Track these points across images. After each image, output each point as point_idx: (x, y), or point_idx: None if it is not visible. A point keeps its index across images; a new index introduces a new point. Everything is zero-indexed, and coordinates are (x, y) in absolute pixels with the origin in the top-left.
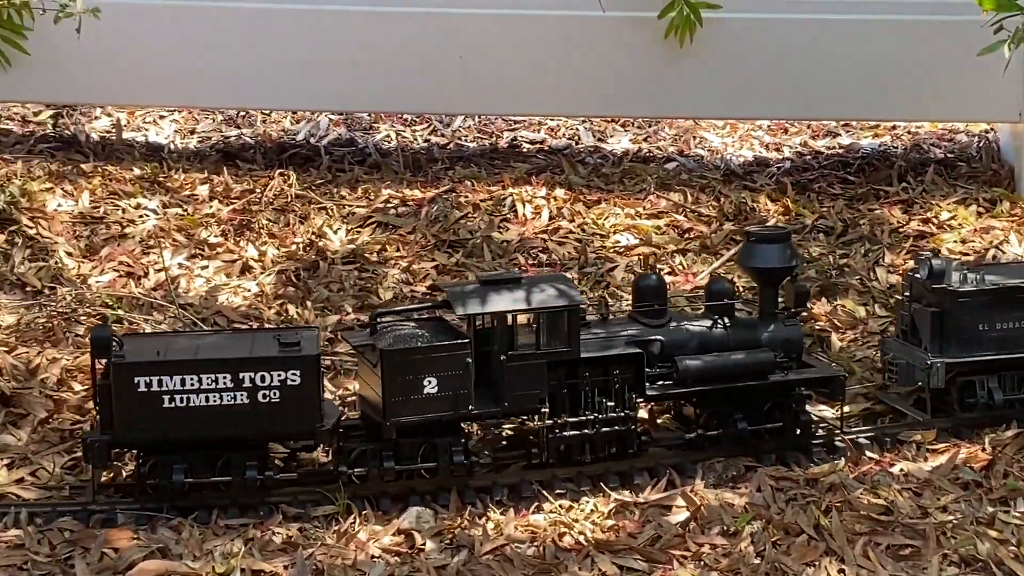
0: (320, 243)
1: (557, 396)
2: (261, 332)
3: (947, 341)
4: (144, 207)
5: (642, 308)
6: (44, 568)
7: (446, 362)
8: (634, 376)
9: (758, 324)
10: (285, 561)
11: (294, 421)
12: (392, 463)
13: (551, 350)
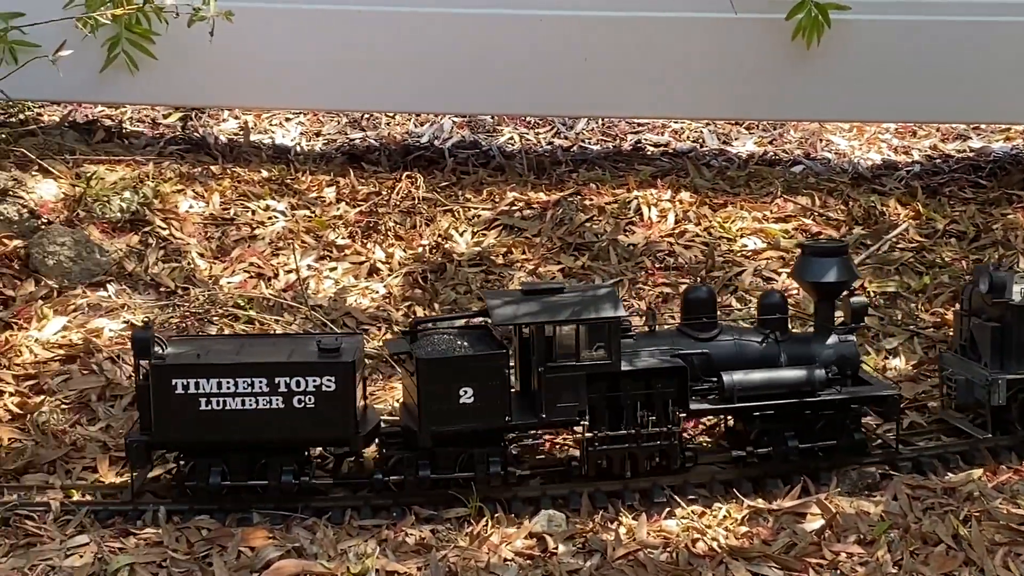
0: (446, 245)
1: (598, 409)
2: (305, 337)
3: (1008, 356)
4: (273, 209)
5: (690, 321)
6: (182, 566)
7: (483, 372)
8: (677, 390)
9: (812, 339)
10: (418, 562)
11: (329, 427)
12: (428, 472)
13: (590, 362)
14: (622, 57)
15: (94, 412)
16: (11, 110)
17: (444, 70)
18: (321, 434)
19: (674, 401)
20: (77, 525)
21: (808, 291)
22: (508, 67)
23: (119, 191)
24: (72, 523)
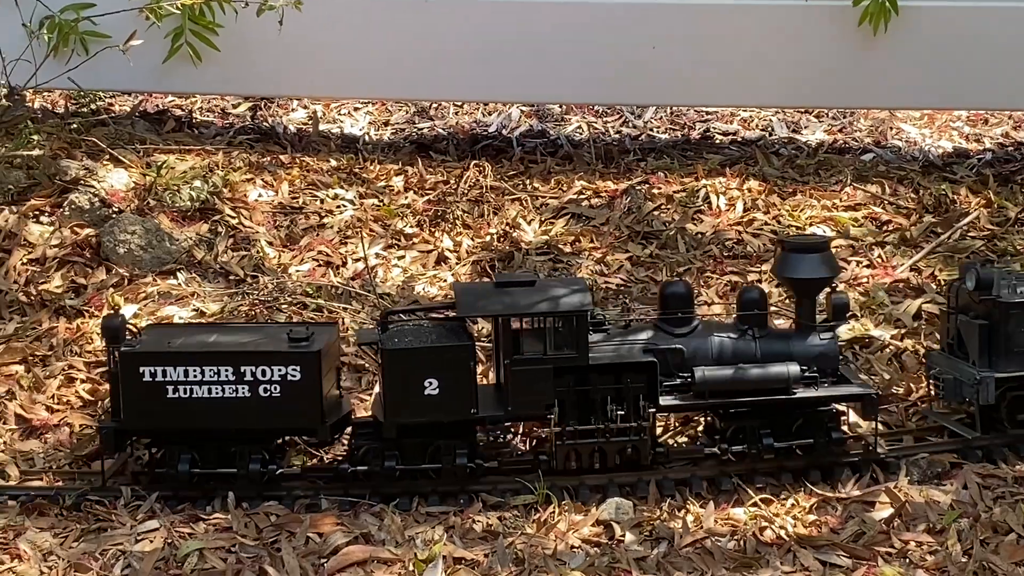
0: (514, 234)
1: (567, 403)
2: (279, 327)
3: (996, 355)
4: (341, 198)
5: (667, 315)
6: (251, 551)
7: (448, 364)
8: (647, 385)
9: (792, 336)
10: (485, 549)
11: (295, 416)
12: (394, 462)
13: (558, 356)
14: (691, 45)
15: None
16: (82, 100)
17: (512, 59)
18: (287, 423)
19: (644, 396)
20: (147, 510)
21: (788, 287)
22: (576, 56)
23: (189, 180)
24: (142, 508)
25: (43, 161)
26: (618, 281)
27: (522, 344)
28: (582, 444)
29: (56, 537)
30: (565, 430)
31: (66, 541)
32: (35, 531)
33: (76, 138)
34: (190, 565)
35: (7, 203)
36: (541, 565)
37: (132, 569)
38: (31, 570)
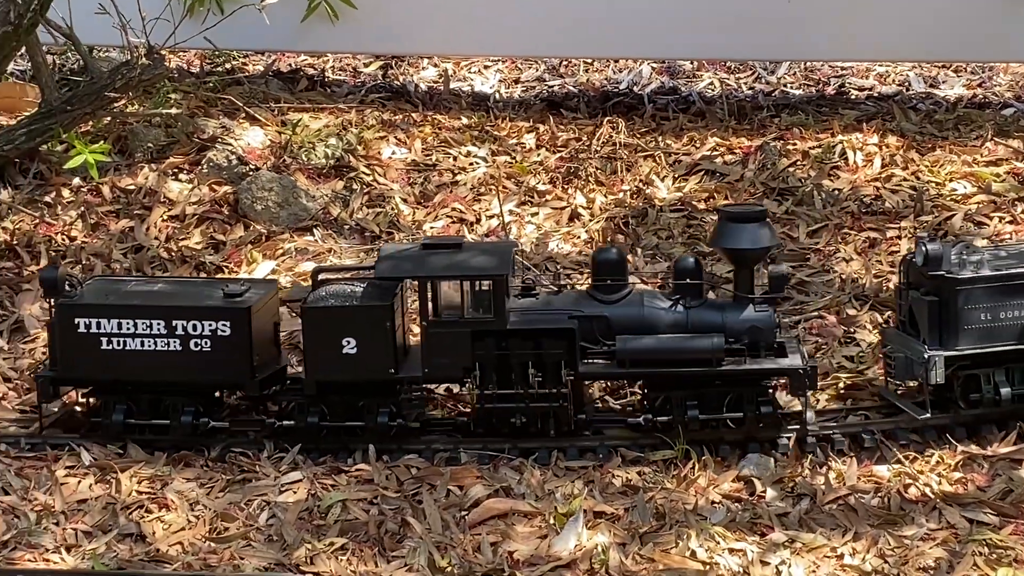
0: (647, 191)
1: (487, 367)
2: (220, 282)
3: (947, 332)
4: (474, 155)
5: (598, 282)
6: (392, 503)
7: (365, 324)
8: (567, 352)
9: (726, 308)
10: (625, 503)
11: (225, 370)
12: (315, 419)
13: (475, 319)
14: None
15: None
16: (217, 59)
17: (643, 15)
18: (217, 377)
19: (565, 363)
20: (290, 462)
21: (726, 258)
22: (708, 11)
23: (323, 138)
24: (285, 460)
25: (181, 120)
26: None
27: (440, 306)
28: (501, 408)
29: (202, 487)
30: (484, 394)
31: (212, 491)
32: (181, 481)
33: (212, 97)
34: (333, 516)
35: (147, 161)
36: (682, 520)
37: (277, 519)
38: (179, 519)
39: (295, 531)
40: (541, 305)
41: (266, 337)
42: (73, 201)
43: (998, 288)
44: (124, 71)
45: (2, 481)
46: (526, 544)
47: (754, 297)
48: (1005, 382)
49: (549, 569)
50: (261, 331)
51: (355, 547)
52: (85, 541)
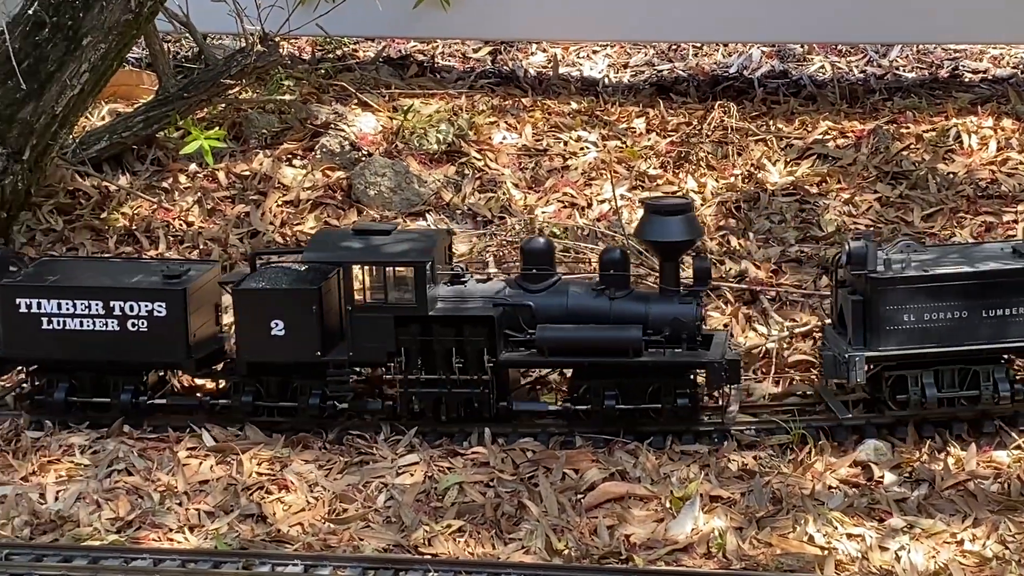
0: (759, 175)
1: (411, 352)
2: (162, 264)
3: (870, 332)
4: (584, 140)
5: (525, 271)
6: (509, 486)
7: (293, 307)
8: (487, 339)
9: (651, 299)
10: (741, 488)
11: (161, 350)
12: (250, 398)
13: (397, 305)
14: None
15: None
16: (329, 46)
17: None
18: (154, 357)
19: (487, 350)
20: (407, 445)
21: (651, 251)
22: None
23: (435, 123)
24: (402, 442)
25: (294, 106)
26: (867, 222)
27: (365, 291)
28: (424, 393)
29: (321, 469)
30: (408, 378)
31: (330, 473)
32: (300, 463)
33: (324, 83)
34: (450, 498)
35: (261, 147)
36: (799, 505)
37: (395, 501)
38: (299, 500)
39: (413, 513)
40: (467, 293)
41: (205, 318)
42: (190, 187)
43: (922, 289)
44: (239, 58)
45: (126, 462)
46: (642, 527)
47: (677, 289)
48: (932, 384)
49: (666, 552)
50: (199, 312)
51: (472, 529)
52: (207, 521)
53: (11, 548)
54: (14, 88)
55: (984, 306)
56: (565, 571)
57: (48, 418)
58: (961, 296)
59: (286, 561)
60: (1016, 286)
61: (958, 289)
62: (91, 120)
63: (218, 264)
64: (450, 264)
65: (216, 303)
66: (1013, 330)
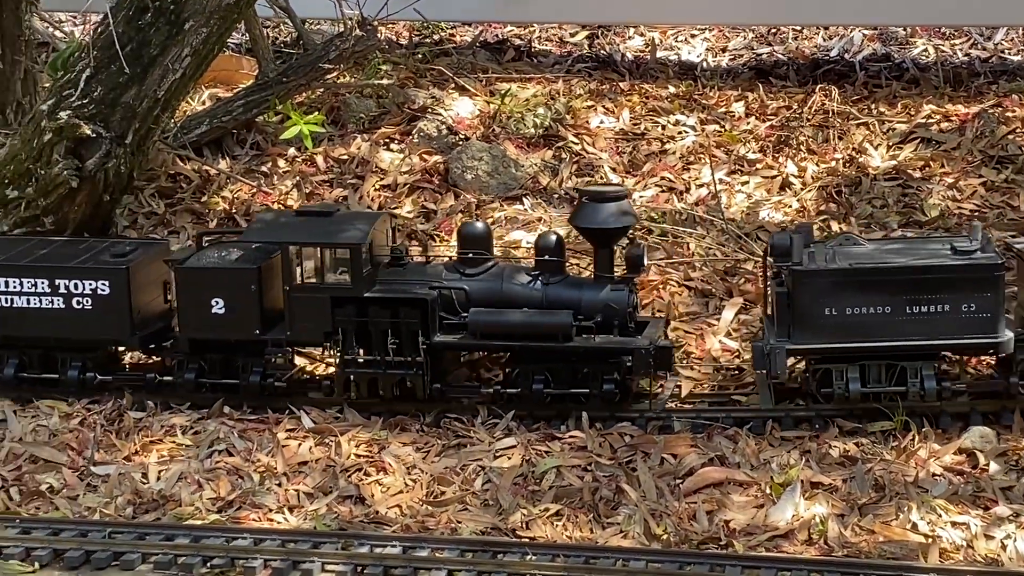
0: (860, 159)
1: (348, 333)
2: (110, 243)
3: (793, 325)
4: (682, 124)
5: (461, 255)
6: (606, 470)
7: (232, 286)
8: (422, 321)
9: (584, 285)
10: (843, 474)
11: (106, 327)
12: (192, 375)
13: (334, 286)
14: None
15: None
16: (426, 31)
17: None
18: (99, 334)
19: (423, 332)
20: (504, 428)
21: (586, 238)
22: None
23: (532, 108)
24: (499, 426)
25: (392, 90)
26: (971, 207)
27: (303, 272)
28: (360, 373)
29: (418, 452)
30: (344, 359)
31: (428, 456)
32: (398, 445)
33: (421, 68)
34: (548, 482)
35: (359, 131)
36: (902, 492)
37: (492, 484)
38: (397, 482)
39: (510, 496)
40: (405, 275)
41: (151, 296)
42: (288, 171)
43: (843, 283)
44: (338, 43)
45: (227, 442)
46: (742, 513)
47: (611, 276)
48: (857, 379)
49: (766, 539)
50: (144, 290)
51: (570, 513)
52: (306, 502)
53: (114, 527)
54: (117, 72)
55: (908, 302)
56: (664, 556)
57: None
58: (884, 291)
59: (385, 542)
60: (940, 283)
61: (880, 284)
62: (192, 105)
63: (167, 243)
64: (392, 247)
65: (165, 281)
66: (939, 327)
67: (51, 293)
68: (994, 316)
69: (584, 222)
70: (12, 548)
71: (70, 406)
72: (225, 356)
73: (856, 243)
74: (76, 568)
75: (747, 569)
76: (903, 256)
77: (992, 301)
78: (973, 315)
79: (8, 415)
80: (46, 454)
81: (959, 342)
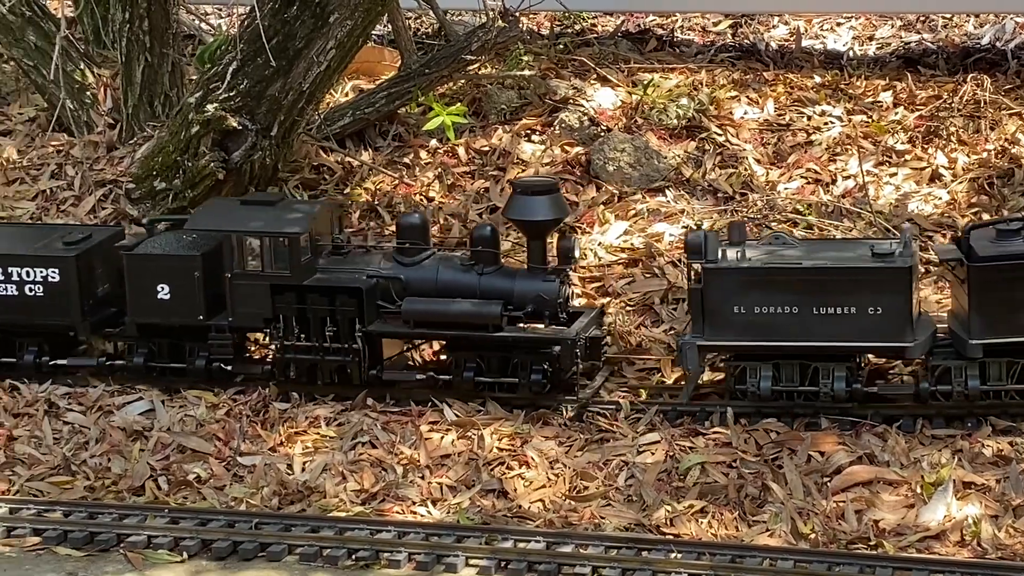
0: (1013, 150)
1: (288, 319)
2: (65, 230)
3: (707, 322)
4: (828, 114)
5: (399, 245)
6: (752, 467)
7: (176, 273)
8: (358, 309)
9: (517, 276)
10: (996, 474)
11: (57, 314)
12: (141, 359)
13: (274, 274)
14: None
15: (657, 314)
16: (567, 21)
17: None
18: (51, 320)
19: (359, 320)
20: (647, 423)
21: (519, 229)
22: None
23: (675, 98)
24: (642, 421)
25: (533, 81)
26: None
27: (244, 260)
28: (299, 359)
29: (561, 446)
30: (284, 344)
31: (570, 450)
32: (541, 439)
33: (563, 58)
34: (692, 478)
35: (501, 122)
36: None
37: (635, 480)
38: (539, 476)
39: (654, 492)
40: (345, 264)
41: (104, 282)
42: (430, 162)
43: (752, 282)
44: (480, 34)
45: (370, 434)
46: (892, 513)
47: (543, 267)
48: (769, 377)
49: (917, 539)
50: (97, 276)
51: (715, 510)
52: (449, 495)
53: (261, 517)
54: (263, 65)
55: (814, 303)
56: (812, 556)
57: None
58: (791, 292)
59: (528, 537)
60: (846, 285)
61: (787, 284)
62: (335, 96)
63: (121, 230)
64: (340, 236)
65: (120, 267)
66: (845, 329)
67: (5, 280)
68: (902, 320)
69: (516, 214)
70: (161, 537)
71: (216, 396)
72: (172, 341)
73: (785, 242)
74: (223, 559)
75: (898, 571)
76: (822, 257)
77: (900, 305)
78: (880, 319)
79: (156, 405)
80: (193, 444)
81: (865, 345)
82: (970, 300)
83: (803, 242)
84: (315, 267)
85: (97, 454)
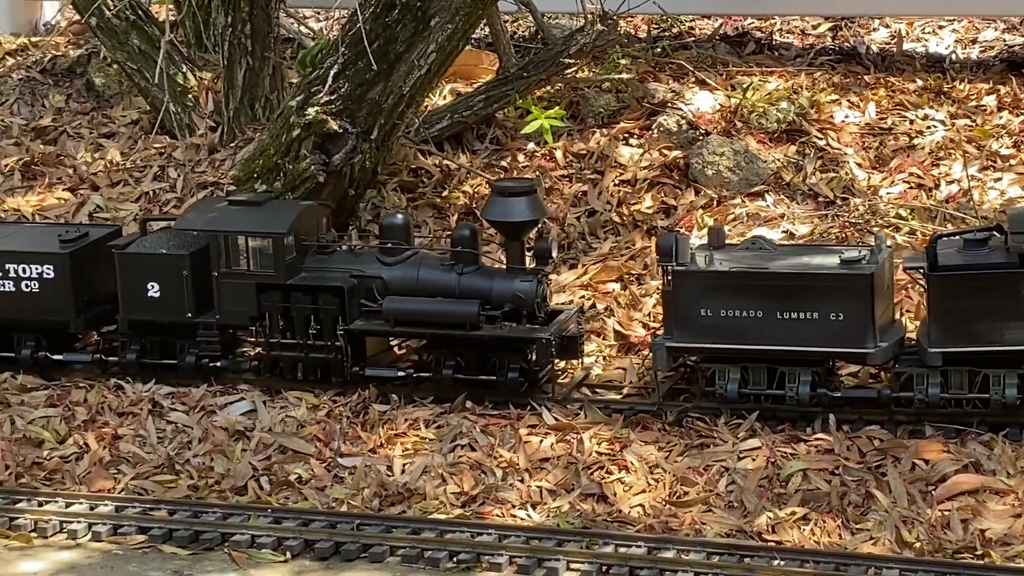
0: None
1: (273, 317)
2: (62, 228)
3: (676, 324)
4: (931, 118)
5: (381, 245)
6: (855, 474)
7: (166, 271)
8: (340, 308)
9: (496, 276)
10: None
11: (51, 310)
12: (134, 356)
13: (259, 273)
14: None
15: None
16: (665, 24)
17: None
18: (46, 315)
19: (342, 318)
20: (748, 429)
21: (497, 230)
22: None
23: (774, 102)
24: (743, 427)
25: (631, 85)
26: None
27: (231, 259)
28: (284, 356)
29: (660, 451)
30: (269, 341)
31: (670, 455)
32: (640, 444)
33: (661, 61)
34: (794, 485)
35: (598, 126)
36: None
37: (736, 485)
38: (639, 481)
39: (755, 498)
40: (329, 263)
41: (99, 279)
42: (528, 165)
43: (717, 286)
44: (578, 37)
45: (469, 437)
46: (999, 522)
47: (521, 267)
48: (736, 380)
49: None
50: (92, 274)
51: (817, 518)
52: (549, 499)
53: (362, 519)
54: (364, 69)
55: (779, 308)
56: (918, 565)
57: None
58: (755, 295)
59: (629, 542)
60: (807, 290)
61: (751, 288)
62: (433, 99)
63: (119, 228)
64: (327, 235)
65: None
66: (808, 334)
67: (2, 277)
68: (863, 327)
69: (494, 216)
70: (265, 537)
71: (317, 398)
72: (162, 338)
73: (762, 247)
74: (326, 559)
75: None
76: (791, 262)
77: (861, 312)
78: (841, 325)
79: (258, 405)
80: (295, 445)
81: (827, 350)
82: (930, 309)
83: (780, 247)
84: (300, 266)
85: (200, 453)
